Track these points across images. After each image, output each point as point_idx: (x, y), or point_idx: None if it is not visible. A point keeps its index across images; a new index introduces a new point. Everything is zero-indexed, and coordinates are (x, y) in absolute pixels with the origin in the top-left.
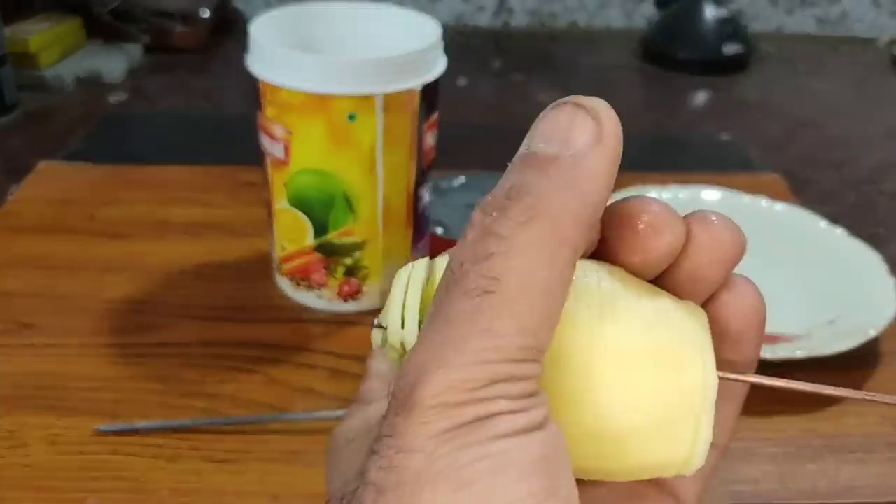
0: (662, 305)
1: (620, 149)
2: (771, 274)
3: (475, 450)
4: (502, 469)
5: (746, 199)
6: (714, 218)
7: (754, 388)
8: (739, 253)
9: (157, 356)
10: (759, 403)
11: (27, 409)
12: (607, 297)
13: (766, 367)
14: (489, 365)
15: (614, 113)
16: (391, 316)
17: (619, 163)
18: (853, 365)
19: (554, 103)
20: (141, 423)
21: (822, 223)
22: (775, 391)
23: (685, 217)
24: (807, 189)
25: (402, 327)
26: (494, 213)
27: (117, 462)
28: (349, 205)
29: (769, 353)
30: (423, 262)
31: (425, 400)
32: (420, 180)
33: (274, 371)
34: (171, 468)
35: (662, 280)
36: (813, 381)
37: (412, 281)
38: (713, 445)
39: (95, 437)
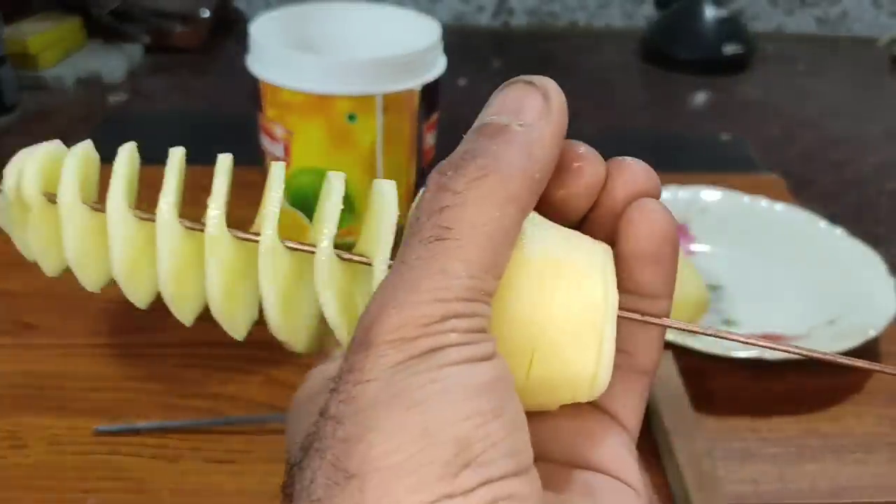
0: (568, 234)
1: (566, 122)
2: (771, 274)
3: (427, 375)
4: (452, 390)
5: (746, 199)
6: (629, 160)
7: (754, 389)
8: (653, 190)
9: (157, 356)
10: (759, 403)
11: (27, 409)
12: (525, 228)
13: (765, 367)
14: (441, 303)
15: (560, 90)
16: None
17: (564, 134)
18: None
19: (506, 82)
20: (141, 423)
21: (822, 223)
22: (775, 392)
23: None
24: (807, 189)
25: None
26: (450, 173)
27: (117, 462)
28: (349, 205)
29: (769, 353)
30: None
31: (382, 335)
32: (420, 180)
33: (274, 371)
34: (172, 468)
35: (584, 220)
36: (813, 382)
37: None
38: (636, 368)
39: (95, 437)
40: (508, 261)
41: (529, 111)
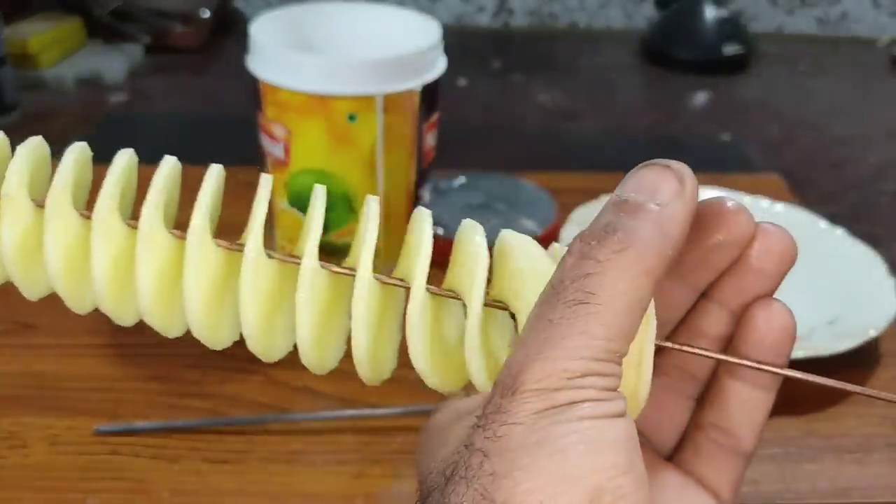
0: None
1: (696, 203)
2: None
3: (568, 426)
4: (590, 442)
5: (746, 199)
6: (773, 229)
7: None
8: (788, 263)
9: (157, 356)
10: None
11: (27, 409)
12: None
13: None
14: (583, 360)
15: (693, 175)
16: None
17: (695, 215)
18: (853, 365)
19: (644, 163)
20: (141, 424)
21: (823, 223)
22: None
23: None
24: (807, 189)
25: None
26: (593, 243)
27: (117, 462)
28: (349, 205)
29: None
30: None
31: (528, 384)
32: (420, 180)
33: (274, 371)
34: (171, 468)
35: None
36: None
37: None
38: (737, 449)
39: (95, 437)
40: (639, 325)
41: (665, 192)
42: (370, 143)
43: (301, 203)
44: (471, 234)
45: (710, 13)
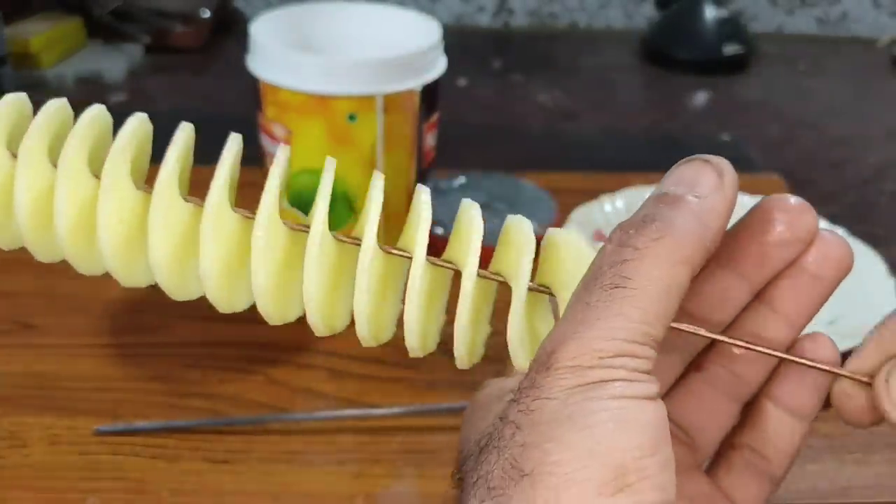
0: None
1: (736, 197)
2: None
3: (599, 403)
4: (619, 421)
5: (746, 199)
6: (830, 237)
7: None
8: (843, 272)
9: (157, 356)
10: None
11: (27, 409)
12: None
13: None
14: (616, 341)
15: (733, 170)
16: None
17: (734, 207)
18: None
19: (684, 158)
20: (141, 423)
21: (822, 223)
22: None
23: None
24: (807, 189)
25: None
26: (631, 231)
27: (117, 462)
28: (349, 205)
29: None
30: None
31: (562, 361)
32: (420, 180)
33: (274, 371)
34: (171, 468)
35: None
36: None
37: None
38: (769, 474)
39: (95, 437)
40: (675, 313)
41: (704, 185)
42: (370, 143)
43: (301, 203)
44: (519, 224)
45: (710, 13)
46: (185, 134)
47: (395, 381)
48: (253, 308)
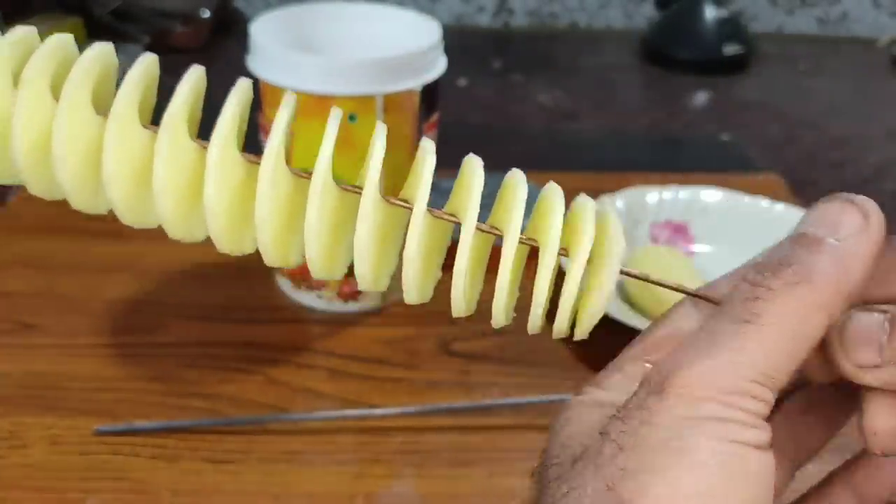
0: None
1: (882, 240)
2: None
3: (709, 443)
4: (727, 467)
5: (746, 199)
6: None
7: None
8: None
9: (157, 356)
10: None
11: (27, 409)
12: None
13: None
14: (735, 377)
15: (880, 210)
16: None
17: (880, 252)
18: None
19: (826, 197)
20: (141, 424)
21: None
22: None
23: None
24: (807, 189)
25: None
26: (767, 273)
27: (117, 462)
28: None
29: None
30: None
31: (676, 387)
32: None
33: (274, 371)
34: (171, 468)
35: None
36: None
37: None
38: (794, 458)
39: (95, 437)
40: (801, 362)
41: (847, 227)
42: (370, 143)
43: None
44: (553, 190)
45: (710, 13)
46: (195, 75)
47: (395, 381)
48: (253, 308)
